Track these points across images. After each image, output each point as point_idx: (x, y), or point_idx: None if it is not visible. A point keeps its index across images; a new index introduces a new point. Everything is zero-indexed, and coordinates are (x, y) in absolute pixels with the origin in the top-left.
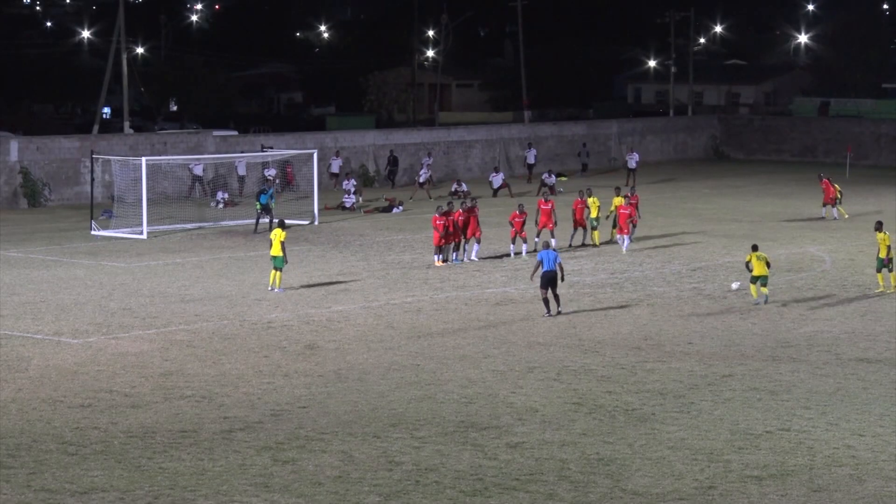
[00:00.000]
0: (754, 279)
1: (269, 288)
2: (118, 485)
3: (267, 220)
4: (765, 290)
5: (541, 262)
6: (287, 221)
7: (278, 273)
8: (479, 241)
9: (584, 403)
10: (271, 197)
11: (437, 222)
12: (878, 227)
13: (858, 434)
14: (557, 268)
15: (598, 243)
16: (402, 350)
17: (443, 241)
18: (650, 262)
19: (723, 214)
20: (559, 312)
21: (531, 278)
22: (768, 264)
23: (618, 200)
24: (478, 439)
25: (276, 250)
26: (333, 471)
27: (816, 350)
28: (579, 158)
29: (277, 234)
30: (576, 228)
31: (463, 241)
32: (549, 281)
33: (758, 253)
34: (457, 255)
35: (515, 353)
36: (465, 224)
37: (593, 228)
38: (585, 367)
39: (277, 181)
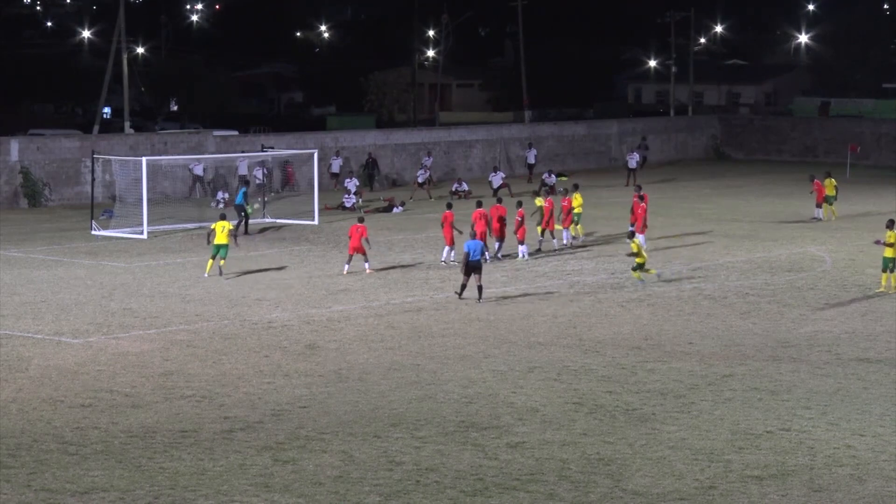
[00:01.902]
0: (636, 266)
1: (205, 275)
2: (118, 485)
3: (242, 221)
4: (637, 276)
5: (468, 253)
6: (288, 221)
7: (223, 260)
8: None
9: (584, 403)
10: (245, 195)
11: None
12: (890, 224)
13: (859, 434)
14: (482, 258)
15: (580, 235)
16: (402, 350)
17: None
18: (650, 263)
19: (723, 214)
20: (478, 300)
21: (462, 271)
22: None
23: (539, 201)
24: (478, 439)
25: (221, 239)
26: (334, 471)
27: (817, 350)
28: (639, 151)
29: (226, 226)
30: (566, 227)
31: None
32: (473, 269)
33: (635, 240)
34: (493, 253)
35: (516, 352)
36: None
37: (575, 223)
38: (586, 367)
39: (266, 181)
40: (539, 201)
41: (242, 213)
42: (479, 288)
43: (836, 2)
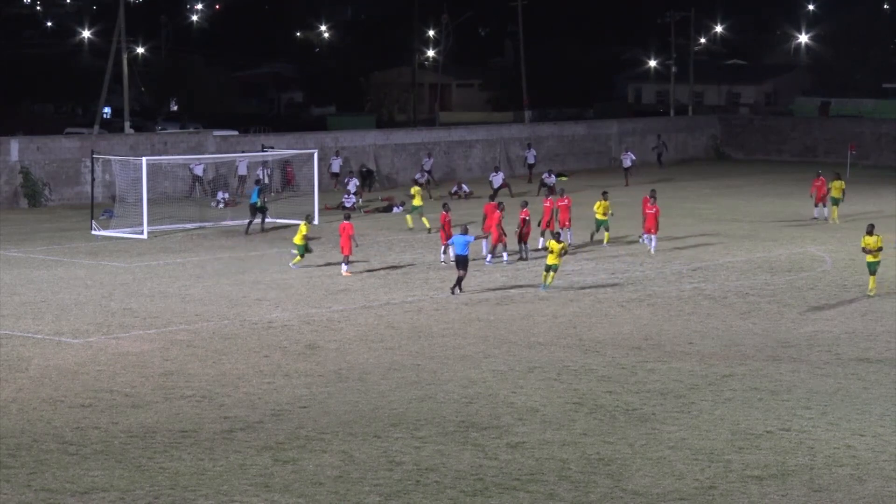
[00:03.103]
0: (548, 267)
1: (293, 265)
2: (118, 485)
3: (259, 221)
4: (549, 279)
5: (452, 246)
6: (287, 221)
7: (298, 257)
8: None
9: (584, 403)
10: (260, 192)
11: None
12: (870, 230)
13: (859, 434)
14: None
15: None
16: (402, 350)
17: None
18: (650, 262)
19: (723, 214)
20: (452, 292)
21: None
22: (564, 252)
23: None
24: (478, 439)
25: (297, 239)
26: (334, 471)
27: (817, 350)
28: (655, 151)
29: (303, 230)
30: (563, 227)
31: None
32: (461, 263)
33: (553, 241)
34: (492, 257)
35: (516, 353)
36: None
37: (606, 229)
38: (586, 367)
39: (268, 180)
40: (415, 190)
41: (257, 212)
42: (459, 280)
43: (836, 2)
